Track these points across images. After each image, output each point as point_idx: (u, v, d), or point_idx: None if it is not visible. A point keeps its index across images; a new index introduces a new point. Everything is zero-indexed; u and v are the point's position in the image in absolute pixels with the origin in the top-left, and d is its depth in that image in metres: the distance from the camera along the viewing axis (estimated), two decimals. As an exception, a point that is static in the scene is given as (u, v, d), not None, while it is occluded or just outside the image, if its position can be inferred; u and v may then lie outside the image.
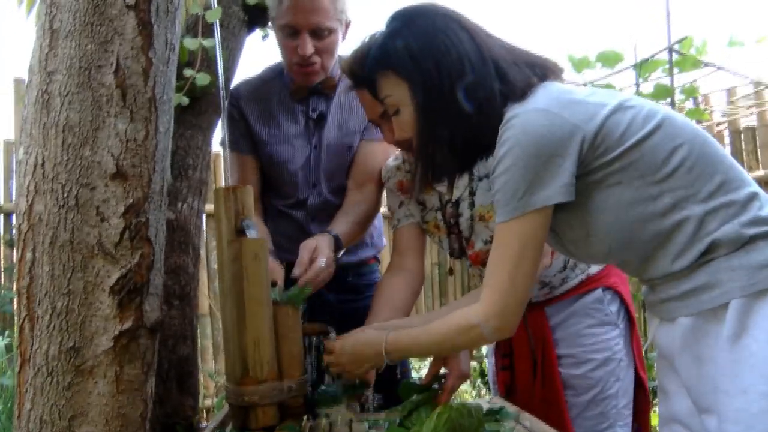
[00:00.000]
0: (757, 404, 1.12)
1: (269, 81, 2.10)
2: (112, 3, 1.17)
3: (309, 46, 1.88)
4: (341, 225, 1.92)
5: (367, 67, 1.41)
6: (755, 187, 1.26)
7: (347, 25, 1.98)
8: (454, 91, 1.28)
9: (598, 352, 1.78)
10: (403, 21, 1.37)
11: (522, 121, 1.21)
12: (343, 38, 1.99)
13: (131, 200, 1.16)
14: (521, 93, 1.27)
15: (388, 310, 1.76)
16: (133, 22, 1.17)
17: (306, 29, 1.87)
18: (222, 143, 2.00)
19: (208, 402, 4.06)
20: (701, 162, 1.23)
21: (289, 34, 1.90)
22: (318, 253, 1.71)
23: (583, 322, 1.81)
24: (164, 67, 1.22)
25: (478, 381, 4.48)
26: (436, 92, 1.30)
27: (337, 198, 2.06)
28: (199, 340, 2.40)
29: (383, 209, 2.24)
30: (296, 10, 1.86)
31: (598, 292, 1.82)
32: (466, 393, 4.41)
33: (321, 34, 1.90)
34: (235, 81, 2.12)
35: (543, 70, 1.33)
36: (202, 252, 3.09)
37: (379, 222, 2.29)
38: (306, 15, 1.86)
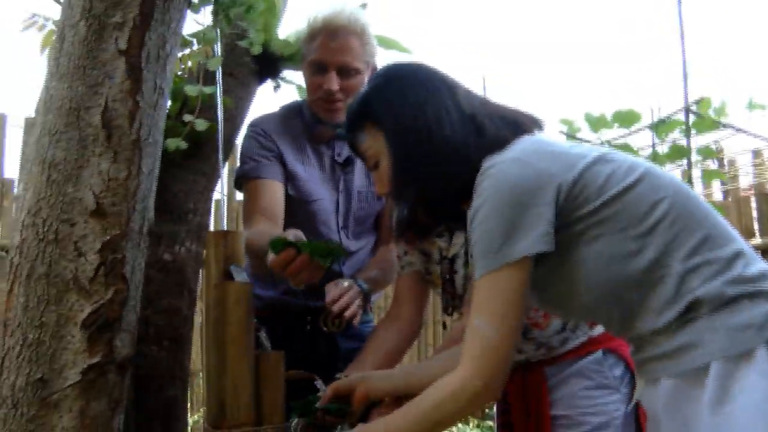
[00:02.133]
0: None
1: (291, 119, 2.12)
2: (105, 48, 1.23)
3: (335, 83, 1.94)
4: (369, 273, 1.98)
5: (349, 122, 1.43)
6: (741, 245, 1.23)
7: (374, 69, 2.02)
8: (431, 141, 1.28)
9: (594, 416, 1.73)
10: (385, 76, 1.40)
11: (498, 170, 1.21)
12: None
13: (108, 237, 1.19)
14: (498, 145, 1.27)
15: (375, 358, 1.75)
16: (123, 67, 1.23)
17: (334, 67, 1.94)
18: (241, 174, 2.03)
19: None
20: (683, 217, 1.21)
21: (317, 70, 1.96)
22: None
23: (581, 383, 1.76)
24: (151, 110, 1.26)
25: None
26: (412, 142, 1.31)
27: (362, 242, 2.09)
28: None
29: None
30: (326, 48, 1.93)
31: (599, 354, 1.77)
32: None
33: (348, 73, 1.95)
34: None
35: (521, 124, 1.34)
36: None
37: None
38: (335, 53, 1.93)
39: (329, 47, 1.93)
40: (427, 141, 1.29)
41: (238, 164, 2.08)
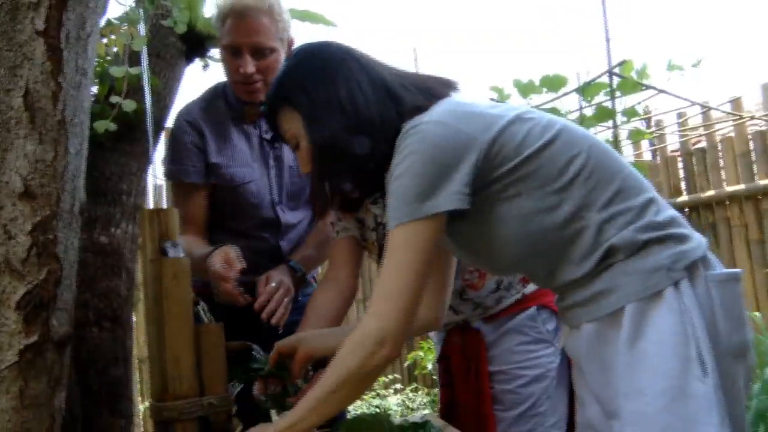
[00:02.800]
0: (653, 405, 1.14)
1: (215, 102, 2.11)
2: (21, 29, 1.22)
3: (250, 66, 1.93)
4: (304, 252, 2.02)
5: (268, 106, 1.44)
6: (652, 193, 1.30)
7: (290, 43, 2.03)
8: (345, 117, 1.30)
9: (530, 369, 1.79)
10: (297, 57, 1.41)
11: (418, 131, 1.24)
12: (287, 56, 2.01)
13: (39, 218, 1.20)
14: (415, 111, 1.30)
15: (317, 320, 1.78)
16: (43, 48, 1.22)
17: (247, 49, 1.93)
18: (168, 174, 2.04)
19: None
20: (598, 171, 1.26)
21: (232, 54, 1.95)
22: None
23: (516, 339, 1.82)
24: (75, 91, 1.26)
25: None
26: (327, 120, 1.32)
27: (300, 215, 2.12)
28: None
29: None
30: (238, 31, 1.91)
31: (532, 310, 1.83)
32: (408, 409, 4.44)
33: (263, 53, 1.94)
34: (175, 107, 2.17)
35: (436, 89, 1.37)
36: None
37: None
38: (247, 35, 1.91)
39: (240, 29, 1.92)
40: (341, 117, 1.31)
41: (166, 155, 2.08)
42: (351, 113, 1.31)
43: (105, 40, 1.92)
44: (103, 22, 1.88)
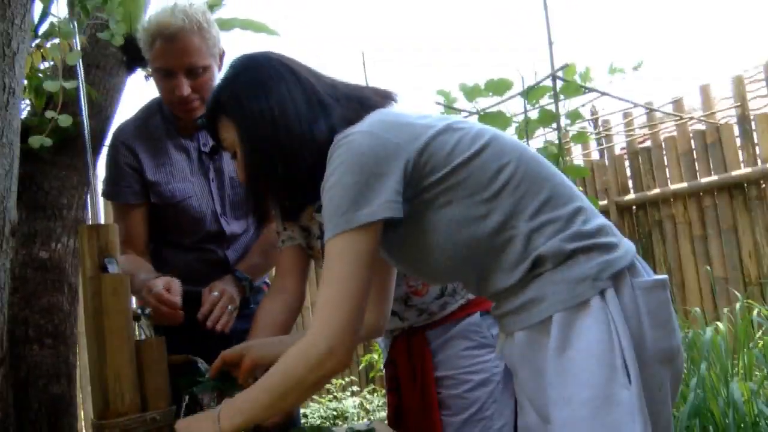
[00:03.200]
0: (579, 412, 1.17)
1: (151, 119, 2.08)
2: (-56, 49, 1.20)
3: (185, 87, 1.90)
4: (250, 260, 2.03)
5: (207, 116, 1.45)
6: (581, 203, 1.32)
7: (221, 56, 2.01)
8: (277, 131, 1.32)
9: (475, 374, 1.81)
10: (234, 68, 1.42)
11: (347, 141, 1.25)
12: (219, 69, 2.01)
13: (-33, 241, 1.18)
14: (346, 124, 1.32)
15: (265, 329, 1.78)
16: (-33, 68, 1.20)
17: (180, 70, 1.89)
18: (106, 195, 2.01)
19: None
20: (527, 180, 1.28)
21: (164, 76, 1.92)
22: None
23: (462, 344, 1.83)
24: (3, 111, 1.25)
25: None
26: (261, 132, 1.33)
27: (246, 224, 2.11)
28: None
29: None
30: (169, 53, 1.87)
31: (477, 315, 1.84)
32: (365, 411, 4.46)
33: (196, 72, 1.90)
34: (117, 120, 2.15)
35: (370, 100, 1.38)
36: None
37: None
38: (179, 57, 1.87)
39: (171, 52, 1.87)
40: (272, 129, 1.32)
41: (105, 176, 2.04)
42: (281, 125, 1.32)
43: (42, 51, 1.89)
44: (40, 31, 1.86)
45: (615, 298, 1.22)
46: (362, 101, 1.39)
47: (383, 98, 1.41)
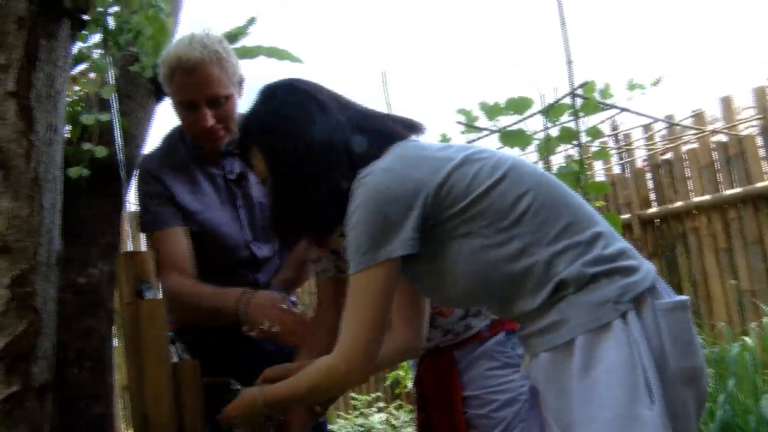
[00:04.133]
0: (603, 431, 1.20)
1: (175, 149, 2.08)
2: (-7, 91, 1.27)
3: (210, 119, 1.90)
4: (283, 275, 2.07)
5: (238, 143, 1.51)
6: (601, 227, 1.35)
7: (241, 82, 2.01)
8: (302, 163, 1.38)
9: (501, 393, 1.81)
10: (262, 98, 1.47)
11: (367, 180, 1.31)
12: (240, 95, 2.01)
13: (17, 272, 1.25)
14: (370, 157, 1.36)
15: (310, 356, 1.83)
16: (14, 108, 1.28)
17: (203, 101, 1.89)
18: (144, 225, 2.01)
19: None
20: (546, 207, 1.32)
21: (187, 108, 1.92)
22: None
23: (487, 364, 1.84)
24: (47, 147, 1.32)
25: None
26: (285, 165, 1.40)
27: (275, 247, 2.13)
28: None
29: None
30: (189, 85, 1.87)
31: (502, 335, 1.85)
32: (391, 426, 4.47)
33: (218, 102, 1.91)
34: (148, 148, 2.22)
35: (394, 134, 1.43)
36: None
37: None
38: (200, 88, 1.87)
39: (192, 85, 1.87)
40: (296, 162, 1.38)
41: (138, 209, 2.05)
42: (306, 159, 1.38)
43: (76, 87, 1.97)
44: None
45: (636, 320, 1.25)
46: (386, 133, 1.43)
47: (408, 129, 1.46)
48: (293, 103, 1.43)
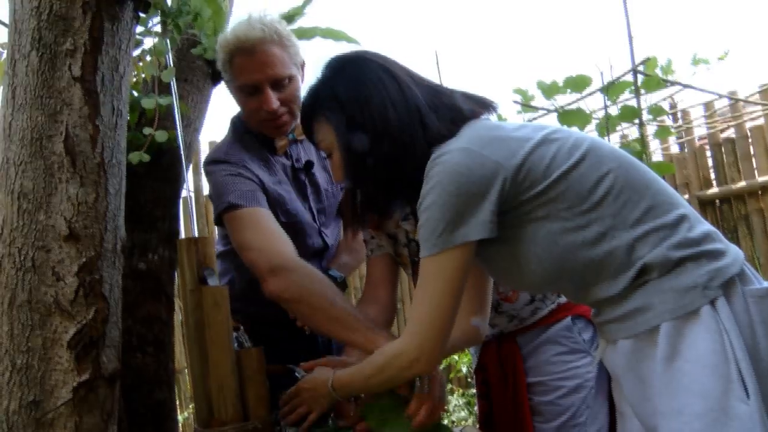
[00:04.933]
0: (691, 425, 1.14)
1: (245, 139, 1.99)
2: (60, 76, 1.26)
3: (274, 100, 1.83)
4: (339, 260, 2.05)
5: (303, 117, 1.48)
6: (684, 209, 1.29)
7: (303, 66, 1.96)
8: (377, 136, 1.33)
9: (568, 380, 1.79)
10: (333, 69, 1.43)
11: (445, 160, 1.26)
12: (302, 80, 1.95)
13: (84, 259, 1.24)
14: (441, 138, 1.32)
15: None
16: (80, 93, 1.26)
17: (266, 83, 1.82)
18: (231, 206, 1.81)
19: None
20: (627, 189, 1.27)
21: (249, 93, 1.86)
22: None
23: (553, 349, 1.82)
24: (112, 132, 1.30)
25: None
26: (359, 137, 1.35)
27: (336, 231, 2.13)
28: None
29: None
30: (252, 68, 1.81)
31: (568, 320, 1.82)
32: (444, 410, 4.45)
33: (282, 83, 1.84)
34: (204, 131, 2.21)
35: (468, 111, 1.38)
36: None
37: None
38: (263, 70, 1.81)
39: (253, 66, 1.81)
40: (373, 137, 1.34)
41: (216, 199, 1.87)
42: (381, 132, 1.34)
43: (134, 72, 1.95)
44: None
45: (726, 307, 1.19)
46: (459, 111, 1.38)
47: (481, 107, 1.41)
48: (367, 74, 1.39)
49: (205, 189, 3.86)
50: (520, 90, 3.35)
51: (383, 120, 1.34)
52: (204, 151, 3.96)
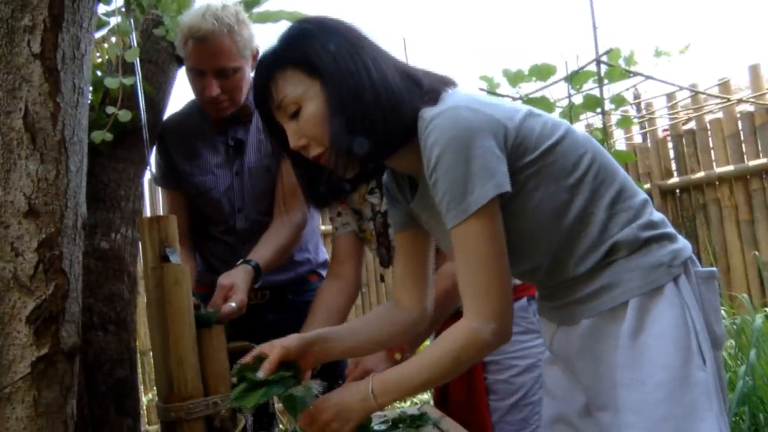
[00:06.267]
0: (653, 394, 1.20)
1: (191, 114, 2.19)
2: (18, 52, 1.26)
3: (214, 88, 1.96)
4: (262, 251, 1.95)
5: (264, 69, 1.31)
6: (645, 194, 1.36)
7: (255, 55, 2.02)
8: (373, 87, 1.24)
9: (522, 359, 1.84)
10: (314, 24, 1.32)
11: (446, 119, 1.20)
12: (252, 69, 2.02)
13: (44, 236, 1.25)
14: (433, 96, 1.28)
15: (323, 318, 1.83)
16: (40, 70, 1.26)
17: (210, 71, 1.95)
18: (153, 180, 2.12)
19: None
20: (603, 169, 1.30)
21: (196, 75, 1.99)
22: (232, 293, 1.76)
23: None
24: (73, 110, 1.31)
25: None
26: (352, 86, 1.24)
27: (267, 218, 2.12)
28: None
29: (323, 227, 2.29)
30: (200, 54, 1.93)
31: (523, 301, 1.87)
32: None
33: (226, 73, 1.96)
34: (168, 112, 2.22)
35: (437, 85, 1.34)
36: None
37: (316, 236, 2.37)
38: (209, 58, 1.93)
39: (201, 54, 1.93)
40: (369, 86, 1.24)
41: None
42: (378, 84, 1.24)
43: (98, 53, 1.95)
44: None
45: (687, 284, 1.26)
46: (437, 79, 1.35)
47: (445, 84, 1.35)
48: (355, 31, 1.31)
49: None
50: (486, 77, 3.38)
51: (378, 71, 1.26)
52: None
